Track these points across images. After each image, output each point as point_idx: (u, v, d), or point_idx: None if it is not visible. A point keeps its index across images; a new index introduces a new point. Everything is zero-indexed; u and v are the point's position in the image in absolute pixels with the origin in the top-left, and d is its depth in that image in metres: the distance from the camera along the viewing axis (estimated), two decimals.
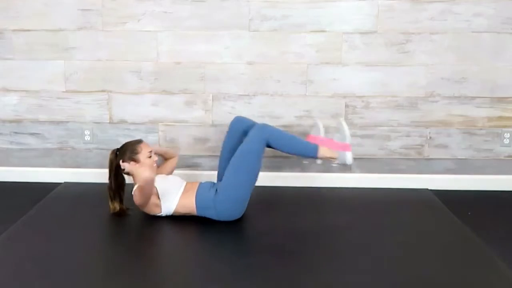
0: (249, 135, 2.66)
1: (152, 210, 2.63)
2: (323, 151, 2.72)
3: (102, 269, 2.20)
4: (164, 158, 2.98)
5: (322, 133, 2.86)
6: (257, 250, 2.38)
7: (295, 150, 2.73)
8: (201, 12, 3.15)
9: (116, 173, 2.71)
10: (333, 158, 2.75)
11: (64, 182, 3.29)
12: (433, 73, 3.20)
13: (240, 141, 2.72)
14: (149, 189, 2.52)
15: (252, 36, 3.17)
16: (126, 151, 2.69)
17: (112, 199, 2.71)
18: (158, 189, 2.62)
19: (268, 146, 2.67)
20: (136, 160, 2.67)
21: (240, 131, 2.77)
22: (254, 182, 2.66)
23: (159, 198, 2.61)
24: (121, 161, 2.68)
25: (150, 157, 2.70)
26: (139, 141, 2.74)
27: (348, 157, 2.77)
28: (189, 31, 3.17)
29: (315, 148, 2.72)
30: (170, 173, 2.95)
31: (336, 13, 3.13)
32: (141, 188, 2.52)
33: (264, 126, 2.68)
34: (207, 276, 2.12)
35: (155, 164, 2.75)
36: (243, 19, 3.15)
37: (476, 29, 3.14)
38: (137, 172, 2.64)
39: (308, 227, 2.63)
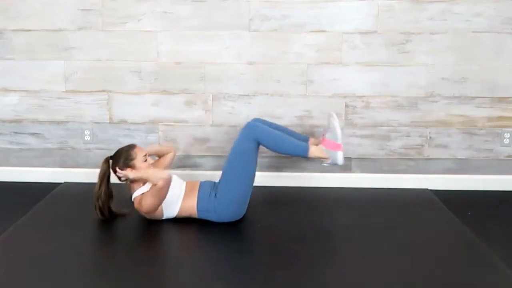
0: (239, 135, 2.64)
1: (154, 216, 2.61)
2: (313, 151, 2.67)
3: (102, 269, 2.20)
4: (159, 156, 2.93)
5: (339, 135, 2.72)
6: (257, 250, 2.38)
7: (285, 149, 2.69)
8: (201, 12, 3.15)
9: (107, 182, 2.64)
10: (324, 158, 2.71)
11: (64, 182, 3.29)
12: (433, 73, 3.20)
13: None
14: (167, 190, 2.49)
15: (252, 36, 3.17)
16: (121, 158, 2.60)
17: (101, 209, 2.61)
18: None
19: (258, 143, 2.64)
20: (131, 166, 2.59)
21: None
22: (252, 182, 2.65)
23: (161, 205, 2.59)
24: (117, 169, 2.59)
25: (146, 160, 2.63)
26: (132, 146, 2.65)
27: (340, 157, 2.69)
28: (189, 31, 3.17)
29: (306, 147, 2.67)
30: (166, 169, 2.89)
31: (336, 13, 3.13)
32: (158, 191, 2.47)
33: (253, 125, 2.65)
34: (207, 276, 2.12)
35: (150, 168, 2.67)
36: (243, 19, 3.15)
37: (476, 29, 3.14)
38: (150, 176, 2.52)
39: (308, 227, 2.63)
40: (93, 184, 3.17)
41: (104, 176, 2.62)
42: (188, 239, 2.55)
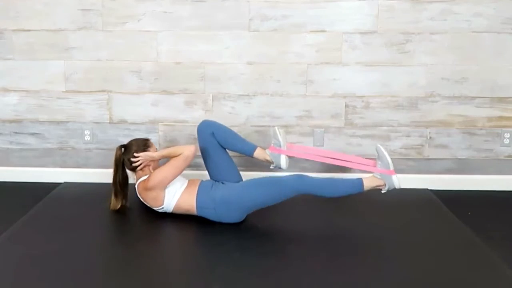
0: (287, 179, 2.59)
1: (155, 199, 2.62)
2: (368, 182, 2.63)
3: (102, 269, 2.19)
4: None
5: (282, 143, 2.79)
6: (257, 250, 2.37)
7: (340, 192, 2.63)
8: (201, 12, 3.15)
9: (122, 168, 2.74)
10: (380, 186, 2.65)
11: (64, 182, 3.29)
12: (433, 73, 3.20)
13: (211, 142, 2.76)
14: (186, 164, 2.61)
15: (252, 36, 3.17)
16: (134, 146, 2.74)
17: (116, 195, 2.72)
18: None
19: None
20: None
21: (209, 133, 2.78)
22: (264, 206, 2.64)
23: (163, 190, 2.61)
24: (135, 154, 2.70)
25: (157, 150, 2.80)
26: (146, 138, 2.86)
27: (396, 181, 2.62)
28: (189, 31, 3.17)
29: (360, 183, 2.62)
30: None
31: (336, 13, 3.13)
32: (178, 161, 2.58)
33: (302, 178, 2.59)
34: (207, 276, 2.12)
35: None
36: (243, 19, 3.15)
37: (476, 29, 3.14)
38: (174, 149, 2.67)
39: (308, 227, 2.63)
40: (93, 184, 3.19)
41: (119, 162, 2.73)
42: (187, 238, 2.55)
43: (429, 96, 3.22)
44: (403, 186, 3.23)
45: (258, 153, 2.81)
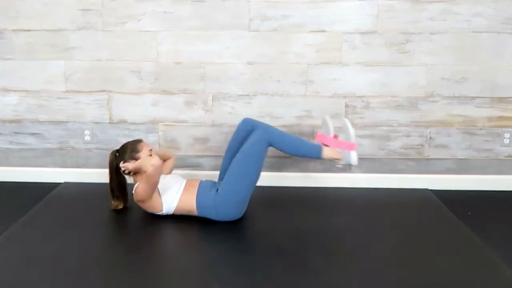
0: (251, 136, 2.66)
1: (153, 207, 2.63)
2: (327, 152, 2.71)
3: (102, 269, 2.19)
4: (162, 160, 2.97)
5: (331, 131, 2.80)
6: (257, 249, 2.37)
7: (299, 151, 2.73)
8: (201, 12, 3.15)
9: (117, 172, 2.72)
10: (337, 159, 2.74)
11: (64, 182, 3.29)
12: (433, 73, 3.20)
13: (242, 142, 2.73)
14: (157, 176, 2.53)
15: (252, 36, 3.17)
16: (127, 151, 2.68)
17: (115, 197, 2.74)
18: (159, 189, 2.63)
19: (271, 146, 2.66)
20: (137, 159, 2.66)
21: (247, 132, 2.76)
22: (255, 183, 2.66)
23: (160, 194, 2.62)
24: (121, 163, 2.67)
25: (151, 155, 2.68)
26: (139, 141, 2.73)
27: (353, 158, 2.73)
28: (189, 31, 3.17)
29: (319, 149, 2.71)
30: (169, 173, 2.95)
31: (336, 13, 3.13)
32: (147, 177, 2.50)
33: (267, 128, 2.68)
34: (207, 275, 2.12)
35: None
36: (243, 19, 3.15)
37: (476, 29, 3.14)
38: (143, 164, 2.61)
39: (308, 227, 2.63)
40: (93, 184, 3.19)
41: (113, 168, 2.70)
42: (187, 238, 2.55)
43: (429, 96, 3.22)
44: (403, 186, 3.27)
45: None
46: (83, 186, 3.20)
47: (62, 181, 3.30)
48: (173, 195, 2.63)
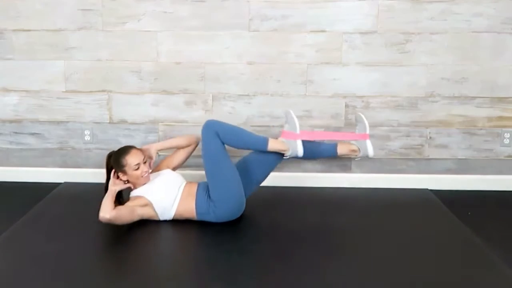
0: (201, 139, 2.61)
1: (149, 218, 2.60)
2: (272, 144, 2.65)
3: (102, 269, 2.20)
4: (178, 149, 2.89)
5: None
6: (257, 250, 2.37)
7: (245, 143, 2.66)
8: (201, 12, 3.14)
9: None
10: (283, 150, 2.67)
11: (64, 182, 3.29)
12: (433, 73, 3.20)
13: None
14: (123, 220, 2.46)
15: (252, 36, 3.17)
16: (115, 162, 2.61)
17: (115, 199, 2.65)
18: (153, 203, 2.56)
19: (218, 137, 2.58)
20: (124, 172, 2.60)
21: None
22: (236, 176, 2.62)
23: (155, 211, 2.58)
24: (113, 172, 2.61)
25: (138, 169, 2.58)
26: (126, 152, 2.61)
27: (299, 147, 2.65)
28: (189, 31, 3.17)
29: (265, 141, 2.64)
30: (178, 165, 2.88)
31: (336, 13, 3.13)
32: (118, 210, 2.44)
33: (210, 122, 2.61)
34: (207, 275, 2.12)
35: (146, 174, 2.63)
36: (243, 19, 3.15)
37: (476, 29, 3.14)
38: (104, 199, 2.47)
39: (308, 227, 2.63)
40: (93, 184, 3.18)
41: (110, 171, 2.64)
42: (187, 239, 2.55)
43: (429, 96, 3.22)
44: (403, 186, 3.27)
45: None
46: (83, 186, 3.20)
47: (62, 181, 3.30)
48: (168, 208, 2.58)
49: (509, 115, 3.24)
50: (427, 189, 3.24)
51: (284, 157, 2.72)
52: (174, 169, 2.86)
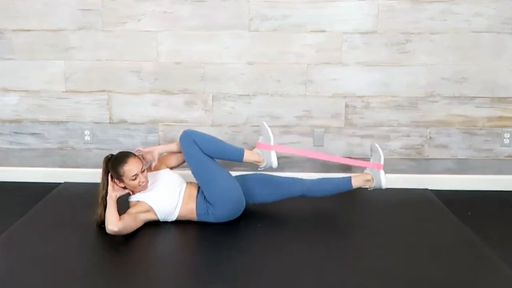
0: (182, 144, 2.63)
1: (151, 220, 2.59)
2: (248, 155, 2.70)
3: (102, 269, 2.19)
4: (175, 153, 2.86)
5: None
6: (257, 250, 2.38)
7: (221, 153, 2.68)
8: (201, 12, 3.14)
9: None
10: (258, 162, 2.72)
11: (64, 182, 3.29)
12: (433, 73, 3.20)
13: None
14: (130, 229, 2.45)
15: (252, 36, 3.17)
16: (112, 169, 2.55)
17: (105, 208, 2.50)
18: (154, 209, 2.55)
19: (195, 143, 2.60)
20: (121, 181, 2.55)
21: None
22: (229, 177, 2.64)
23: (157, 216, 2.57)
24: (110, 176, 2.57)
25: (135, 179, 2.51)
26: (124, 161, 2.51)
27: (274, 157, 2.73)
28: (189, 31, 3.17)
29: (241, 152, 2.69)
30: (177, 165, 2.85)
31: (336, 13, 3.13)
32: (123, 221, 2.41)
33: (187, 131, 2.65)
34: (207, 276, 2.12)
35: (144, 184, 2.56)
36: (243, 19, 3.15)
37: (476, 29, 3.14)
38: (107, 211, 2.45)
39: (307, 227, 2.63)
40: (93, 184, 3.16)
41: (107, 176, 2.59)
42: (187, 239, 2.55)
43: (429, 96, 3.22)
44: (403, 186, 3.26)
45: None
46: (83, 186, 3.20)
47: (62, 181, 3.30)
48: (170, 213, 2.58)
49: (509, 115, 3.24)
50: (427, 189, 3.24)
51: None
52: (172, 168, 2.85)
